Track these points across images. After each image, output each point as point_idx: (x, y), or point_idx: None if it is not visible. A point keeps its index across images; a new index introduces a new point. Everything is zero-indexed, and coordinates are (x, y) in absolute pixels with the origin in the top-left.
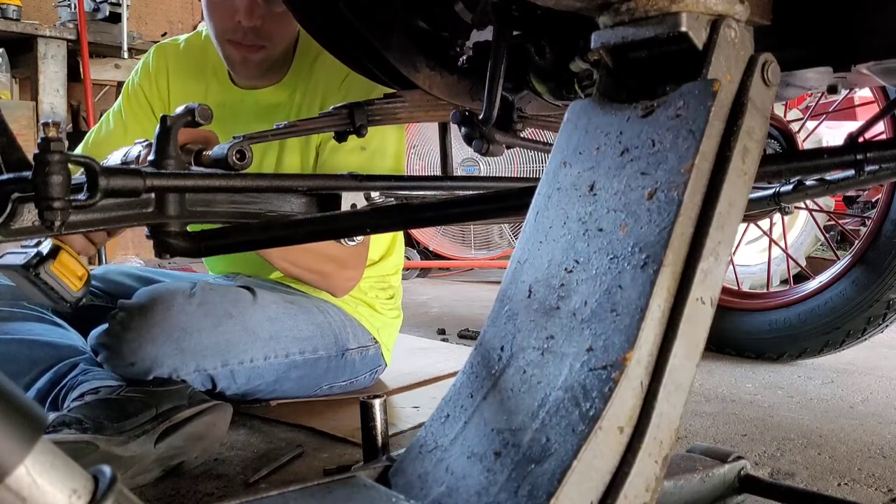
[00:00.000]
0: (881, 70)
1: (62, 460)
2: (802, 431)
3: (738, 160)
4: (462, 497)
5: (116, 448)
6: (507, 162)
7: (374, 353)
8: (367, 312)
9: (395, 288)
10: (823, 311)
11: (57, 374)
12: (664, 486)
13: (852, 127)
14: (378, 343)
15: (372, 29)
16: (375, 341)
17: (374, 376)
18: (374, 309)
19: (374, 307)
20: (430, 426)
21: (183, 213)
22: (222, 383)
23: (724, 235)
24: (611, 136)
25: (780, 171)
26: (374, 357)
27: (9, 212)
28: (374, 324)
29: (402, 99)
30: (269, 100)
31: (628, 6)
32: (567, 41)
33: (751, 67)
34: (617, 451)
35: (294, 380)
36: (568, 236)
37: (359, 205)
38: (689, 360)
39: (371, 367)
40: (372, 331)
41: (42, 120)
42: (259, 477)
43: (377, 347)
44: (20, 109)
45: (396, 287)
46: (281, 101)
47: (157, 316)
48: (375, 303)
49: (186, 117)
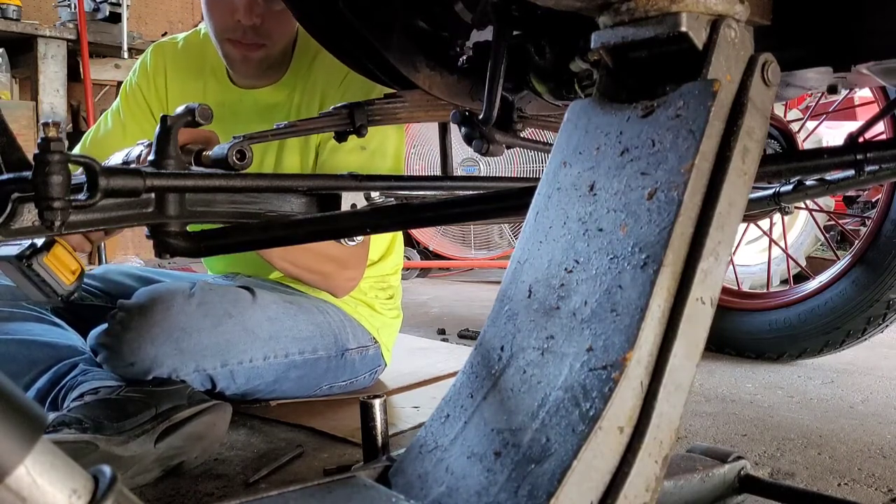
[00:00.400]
0: (881, 70)
1: (62, 460)
2: (802, 431)
3: (738, 160)
4: (462, 497)
5: (116, 448)
6: (507, 162)
7: (373, 352)
8: (366, 312)
9: (394, 288)
10: (823, 311)
11: (56, 375)
12: (664, 486)
13: (852, 127)
14: (378, 343)
15: (372, 29)
16: (375, 341)
17: (373, 376)
18: (373, 309)
19: (373, 307)
20: (430, 426)
21: (183, 213)
22: (222, 383)
23: (724, 235)
24: (611, 136)
25: (780, 171)
26: (374, 357)
27: (9, 212)
28: (373, 324)
29: (402, 99)
30: (267, 99)
31: (628, 6)
32: (567, 41)
33: (751, 67)
34: (617, 451)
35: (293, 380)
36: (568, 236)
37: (359, 205)
38: (689, 360)
39: (371, 367)
40: (371, 331)
41: (42, 120)
42: (259, 477)
43: (377, 347)
44: (20, 109)
45: (396, 287)
46: (280, 101)
47: (157, 316)
48: (375, 303)
49: (187, 117)
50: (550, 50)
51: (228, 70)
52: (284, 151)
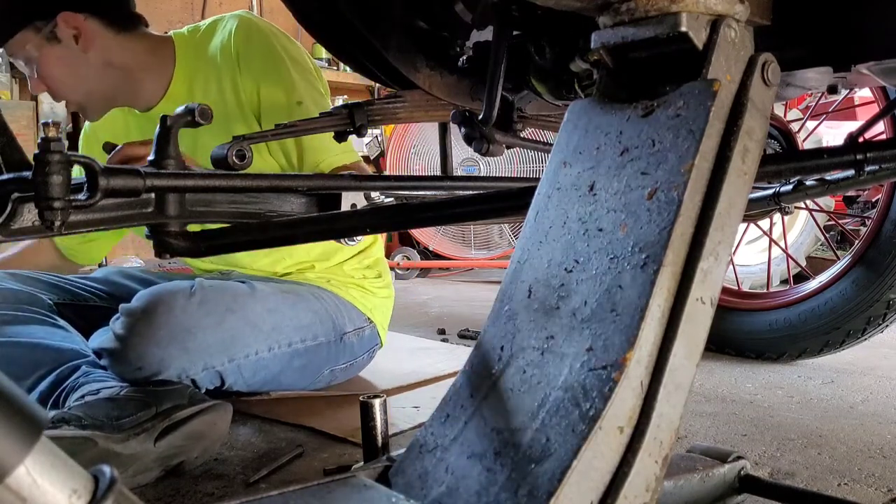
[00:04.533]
0: (881, 70)
1: (62, 460)
2: (802, 431)
3: (738, 160)
4: (462, 497)
5: (116, 445)
6: (507, 162)
7: (370, 332)
8: (358, 294)
9: (380, 263)
10: (823, 311)
11: (59, 377)
12: (664, 486)
13: (852, 127)
14: (373, 323)
15: (372, 29)
16: (370, 321)
17: (371, 356)
18: (364, 289)
19: (364, 287)
20: (430, 426)
21: (183, 213)
22: (230, 379)
23: (724, 235)
24: (611, 136)
25: (780, 171)
26: (371, 337)
27: (9, 212)
28: (366, 304)
29: (402, 99)
30: (170, 110)
31: (628, 6)
32: (567, 41)
33: (751, 67)
34: (617, 451)
35: (297, 368)
36: (568, 236)
37: (359, 205)
38: (689, 360)
39: (368, 347)
40: (365, 311)
41: (42, 120)
42: (259, 477)
43: (373, 327)
44: (20, 109)
45: (381, 261)
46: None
47: (160, 318)
48: (364, 282)
49: (186, 117)
50: (550, 50)
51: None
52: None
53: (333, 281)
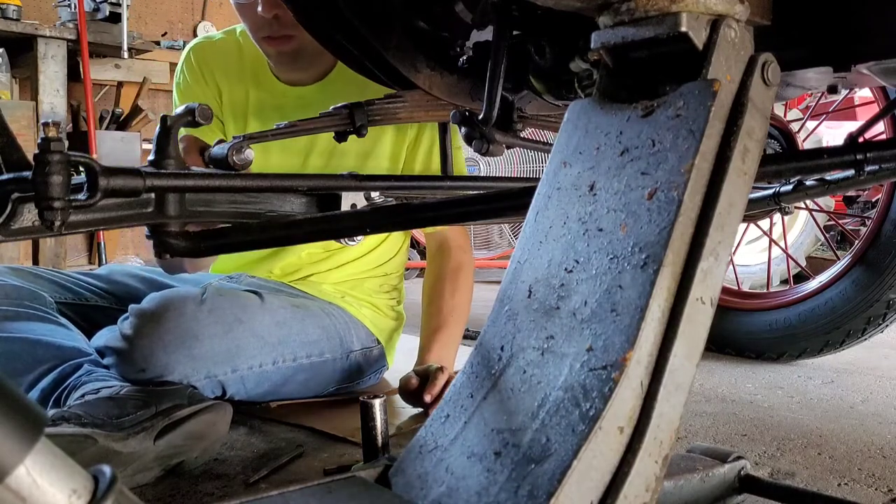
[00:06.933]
0: (881, 70)
1: (62, 460)
2: (802, 431)
3: (738, 160)
4: (462, 497)
5: (115, 443)
6: (507, 162)
7: (377, 353)
8: (370, 314)
9: (398, 291)
10: (823, 311)
11: (60, 375)
12: (664, 486)
13: (852, 127)
14: (381, 344)
15: (372, 29)
16: (378, 342)
17: (377, 377)
18: (377, 310)
19: (377, 308)
20: (430, 426)
21: (183, 213)
22: (231, 389)
23: (724, 235)
24: (611, 136)
25: (780, 171)
26: (378, 358)
27: (9, 212)
28: (377, 325)
29: (402, 99)
30: (312, 96)
31: (628, 6)
32: (567, 41)
33: (751, 67)
34: (617, 451)
35: (300, 382)
36: (568, 236)
37: (359, 205)
38: (689, 360)
39: (375, 368)
40: (375, 331)
41: (42, 120)
42: (259, 477)
43: (380, 349)
44: (20, 109)
45: (400, 290)
46: (325, 98)
47: (170, 323)
48: (379, 303)
49: (187, 117)
50: (550, 50)
51: (273, 67)
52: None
53: (348, 297)
